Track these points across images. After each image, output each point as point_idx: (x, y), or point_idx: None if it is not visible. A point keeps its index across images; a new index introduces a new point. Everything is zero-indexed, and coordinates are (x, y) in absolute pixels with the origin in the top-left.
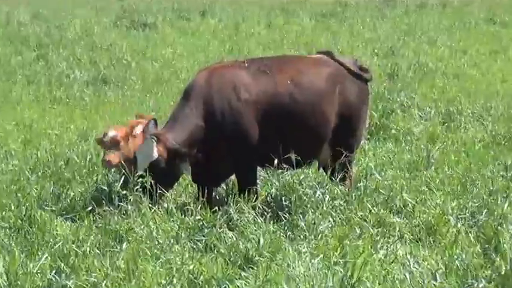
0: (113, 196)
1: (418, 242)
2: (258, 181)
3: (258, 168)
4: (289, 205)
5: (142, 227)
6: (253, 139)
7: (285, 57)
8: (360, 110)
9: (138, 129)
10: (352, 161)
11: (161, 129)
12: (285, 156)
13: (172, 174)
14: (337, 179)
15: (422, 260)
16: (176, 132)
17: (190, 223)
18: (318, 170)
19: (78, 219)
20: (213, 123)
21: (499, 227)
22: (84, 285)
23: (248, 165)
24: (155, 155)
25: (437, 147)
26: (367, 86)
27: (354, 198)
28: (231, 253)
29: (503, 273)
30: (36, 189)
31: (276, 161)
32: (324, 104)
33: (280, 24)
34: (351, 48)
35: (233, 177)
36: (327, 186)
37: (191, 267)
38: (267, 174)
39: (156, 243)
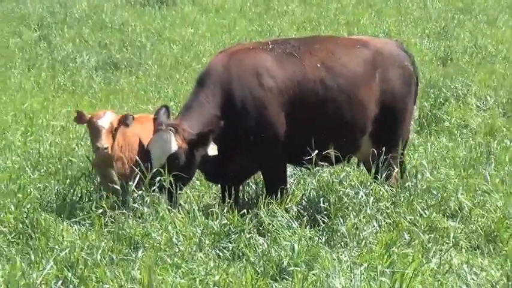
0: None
1: (475, 249)
2: (290, 180)
3: (290, 165)
4: (328, 207)
5: (160, 232)
6: (280, 132)
7: (316, 37)
8: (405, 99)
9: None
10: (398, 157)
11: (174, 120)
12: (318, 152)
13: (191, 168)
14: (381, 178)
15: (481, 270)
16: (192, 122)
17: (215, 228)
18: (358, 167)
19: (87, 223)
20: (232, 114)
21: None
22: None
23: (275, 163)
24: (174, 147)
25: (497, 141)
26: (414, 72)
27: (402, 199)
28: (262, 262)
29: None
30: (39, 189)
31: (310, 158)
32: (361, 91)
33: (317, 1)
34: (397, 28)
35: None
36: (371, 186)
37: (216, 278)
38: (301, 172)
39: (177, 250)
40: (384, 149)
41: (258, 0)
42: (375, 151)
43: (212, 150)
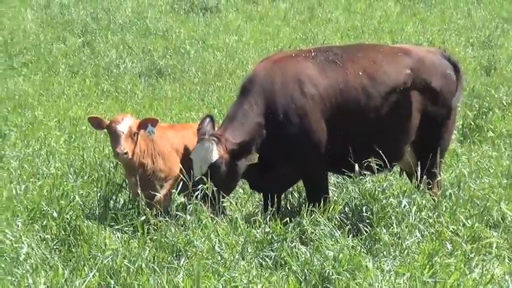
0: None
1: None
2: (332, 189)
3: (333, 174)
4: (371, 216)
5: (203, 240)
6: (321, 140)
7: (358, 45)
8: (448, 108)
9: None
10: (440, 166)
11: (218, 129)
12: (359, 161)
13: (234, 177)
14: (424, 187)
15: None
16: (234, 131)
17: (258, 236)
18: (401, 175)
19: (130, 230)
20: (274, 121)
21: None
22: None
23: (316, 171)
24: (215, 156)
25: None
26: (457, 81)
27: (444, 209)
28: (305, 271)
29: None
30: (82, 196)
31: (353, 167)
32: (403, 100)
33: (362, 9)
34: (441, 37)
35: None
36: (414, 196)
37: (259, 286)
38: (344, 180)
39: (219, 258)
40: (426, 158)
41: (302, 8)
42: (418, 160)
43: (251, 159)
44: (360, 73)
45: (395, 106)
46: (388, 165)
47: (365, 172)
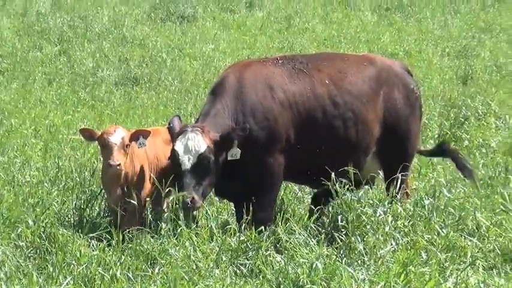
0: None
1: (492, 269)
2: (307, 197)
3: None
4: (346, 225)
5: (177, 249)
6: (285, 147)
7: (322, 54)
8: (408, 118)
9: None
10: (406, 177)
11: (195, 124)
12: (320, 170)
13: (216, 172)
14: (391, 196)
15: None
16: (211, 126)
17: (233, 244)
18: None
19: (105, 238)
20: (242, 124)
21: None
22: None
23: (274, 178)
24: (203, 146)
25: None
26: (418, 92)
27: (419, 218)
28: (279, 279)
29: None
30: (57, 204)
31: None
32: (367, 109)
33: (338, 18)
34: (418, 47)
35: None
36: (389, 205)
37: None
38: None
39: (194, 267)
40: (390, 168)
41: (279, 17)
42: (383, 169)
43: (234, 154)
44: (327, 82)
45: (360, 115)
46: (346, 176)
47: (324, 182)
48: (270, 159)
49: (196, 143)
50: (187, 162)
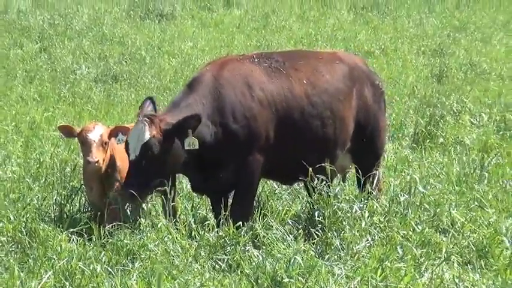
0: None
1: (467, 265)
2: (285, 193)
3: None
4: (323, 221)
5: (157, 244)
6: (264, 145)
7: (297, 52)
8: (377, 114)
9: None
10: (378, 171)
11: (159, 113)
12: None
13: (170, 160)
14: (364, 192)
15: (472, 286)
16: (174, 116)
17: (211, 240)
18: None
19: (86, 233)
20: (221, 124)
21: None
22: None
23: (253, 176)
24: (147, 136)
25: (490, 158)
26: (383, 88)
27: (395, 214)
28: (257, 274)
29: None
30: (38, 199)
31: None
32: (343, 107)
33: (315, 17)
34: (394, 45)
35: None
36: (366, 201)
37: None
38: (298, 186)
39: (173, 261)
40: (362, 164)
41: (256, 16)
42: (355, 166)
43: (191, 144)
44: (304, 81)
45: (338, 113)
46: (321, 171)
47: (301, 178)
48: (249, 157)
49: (141, 133)
50: (132, 152)
